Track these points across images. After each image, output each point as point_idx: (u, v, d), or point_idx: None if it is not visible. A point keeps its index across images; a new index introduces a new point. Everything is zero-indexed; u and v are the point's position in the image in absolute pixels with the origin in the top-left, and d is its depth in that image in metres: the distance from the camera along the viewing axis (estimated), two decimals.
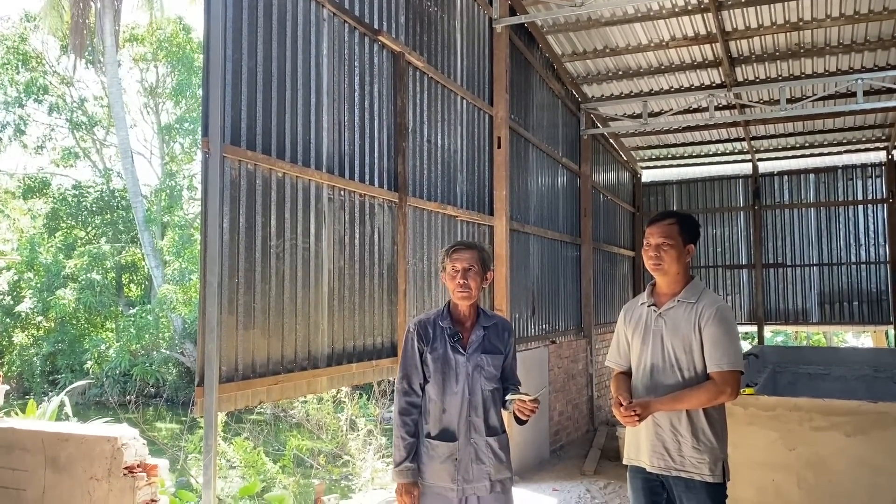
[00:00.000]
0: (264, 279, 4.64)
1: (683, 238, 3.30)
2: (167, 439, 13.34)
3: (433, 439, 3.19)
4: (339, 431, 11.18)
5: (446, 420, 3.19)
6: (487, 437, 3.21)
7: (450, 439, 3.18)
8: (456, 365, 3.21)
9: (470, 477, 3.16)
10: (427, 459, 3.18)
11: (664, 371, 3.23)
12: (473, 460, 3.17)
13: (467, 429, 3.19)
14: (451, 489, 3.15)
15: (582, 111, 11.32)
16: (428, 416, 3.22)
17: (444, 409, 3.19)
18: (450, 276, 3.28)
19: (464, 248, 3.32)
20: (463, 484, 3.15)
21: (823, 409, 4.36)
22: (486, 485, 3.19)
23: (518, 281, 8.45)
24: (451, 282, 3.27)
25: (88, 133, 24.07)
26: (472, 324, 3.31)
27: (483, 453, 3.20)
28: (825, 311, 14.14)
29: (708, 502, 3.12)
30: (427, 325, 3.28)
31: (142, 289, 23.32)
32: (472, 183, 7.55)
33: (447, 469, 3.15)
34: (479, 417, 3.21)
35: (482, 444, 3.20)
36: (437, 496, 3.16)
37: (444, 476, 3.15)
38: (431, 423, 3.21)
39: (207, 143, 4.16)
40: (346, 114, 5.52)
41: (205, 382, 4.04)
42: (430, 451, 3.18)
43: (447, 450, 3.16)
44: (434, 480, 3.16)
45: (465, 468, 3.16)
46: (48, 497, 4.07)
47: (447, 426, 3.19)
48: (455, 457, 3.15)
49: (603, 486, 7.35)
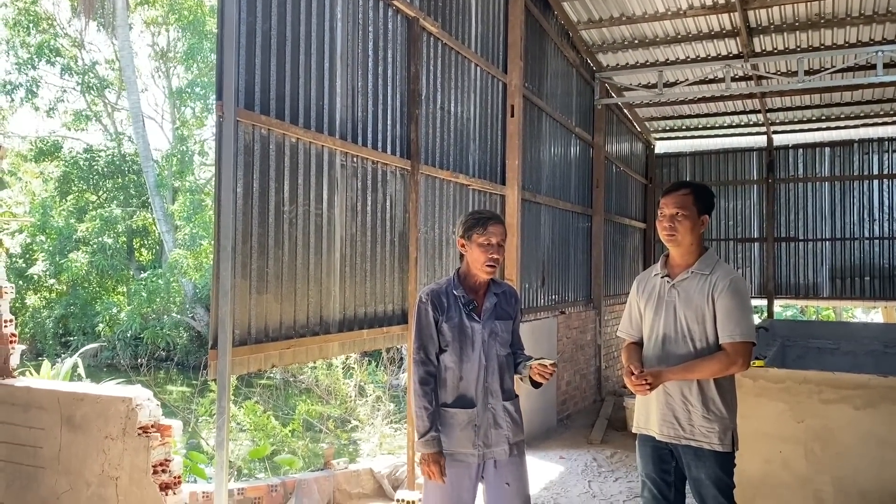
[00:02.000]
0: (277, 245, 4.65)
1: (698, 208, 3.29)
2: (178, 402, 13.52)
3: (451, 407, 3.21)
4: (348, 397, 11.31)
5: (463, 387, 3.22)
6: (504, 402, 3.26)
7: (468, 406, 3.21)
8: (472, 333, 3.22)
9: (490, 442, 3.21)
10: (446, 428, 3.19)
11: (676, 341, 3.24)
12: (492, 425, 3.22)
13: (485, 395, 3.22)
14: (472, 454, 3.18)
15: (596, 80, 11.19)
16: (444, 384, 3.24)
17: (462, 377, 3.22)
18: (480, 247, 3.22)
19: (498, 222, 3.29)
20: (483, 449, 3.19)
21: (833, 383, 4.36)
22: (506, 448, 3.23)
23: (529, 251, 8.44)
24: (483, 254, 3.22)
25: (100, 96, 24.02)
26: (485, 291, 3.32)
27: (501, 417, 3.24)
28: (836, 285, 14.09)
29: (717, 470, 3.15)
30: (440, 294, 3.27)
31: (153, 253, 23.46)
32: (485, 151, 7.51)
33: (467, 435, 3.18)
34: (495, 382, 3.24)
35: (500, 409, 3.24)
36: (458, 463, 3.19)
37: (465, 442, 3.18)
38: (448, 392, 3.23)
39: (221, 108, 4.14)
40: (360, 79, 5.48)
41: (218, 345, 4.07)
42: (449, 420, 3.20)
43: (466, 416, 3.19)
44: (455, 447, 3.19)
45: (484, 433, 3.20)
46: (64, 455, 4.14)
47: (464, 393, 3.22)
48: (475, 423, 3.19)
49: (609, 455, 7.42)
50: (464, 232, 3.28)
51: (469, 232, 3.26)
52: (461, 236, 3.29)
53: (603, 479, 6.57)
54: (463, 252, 3.30)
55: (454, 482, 3.19)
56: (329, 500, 5.69)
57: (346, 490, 5.86)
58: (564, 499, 5.95)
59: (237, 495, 5.18)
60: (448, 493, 3.18)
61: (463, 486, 3.20)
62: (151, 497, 3.92)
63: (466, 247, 3.27)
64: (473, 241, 3.24)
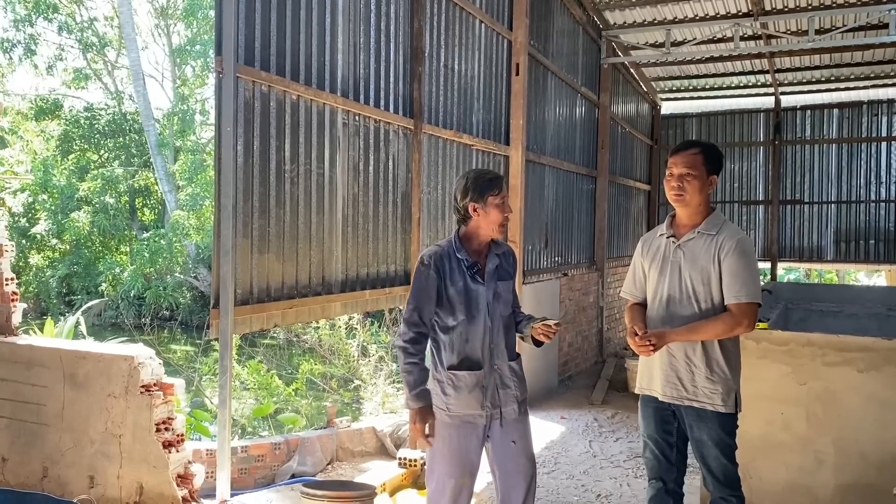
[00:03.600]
0: (279, 204, 4.60)
1: (707, 169, 3.23)
2: (182, 361, 13.61)
3: (457, 370, 3.20)
4: (351, 357, 11.37)
5: (470, 349, 3.21)
6: (510, 362, 3.28)
7: (475, 368, 3.20)
8: (477, 295, 3.22)
9: (498, 402, 3.21)
10: (453, 391, 3.18)
11: (681, 302, 3.21)
12: (500, 385, 3.22)
13: (490, 356, 3.22)
14: (480, 415, 3.19)
15: (603, 39, 11.00)
16: (450, 347, 3.22)
17: (468, 340, 3.21)
18: (497, 208, 3.22)
19: (505, 184, 3.35)
20: (491, 409, 3.20)
21: (837, 345, 4.34)
22: (515, 407, 3.25)
23: (532, 213, 8.39)
24: (500, 214, 3.23)
25: (99, 54, 23.72)
26: (486, 253, 3.30)
27: (507, 377, 3.25)
28: (840, 248, 14.03)
29: (719, 432, 3.15)
30: (443, 257, 3.24)
31: (155, 213, 23.41)
32: (489, 111, 7.40)
33: (476, 397, 3.18)
34: (500, 343, 3.25)
35: (506, 369, 3.25)
36: (467, 424, 3.19)
37: (474, 404, 3.18)
38: (455, 355, 3.21)
39: (221, 63, 4.07)
40: (362, 35, 5.37)
41: (220, 305, 4.06)
42: (456, 382, 3.19)
43: (473, 378, 3.19)
44: (462, 410, 3.18)
45: (492, 394, 3.20)
46: (67, 412, 4.16)
47: (470, 355, 3.21)
48: (482, 384, 3.19)
49: (610, 415, 7.46)
50: (478, 195, 3.22)
51: (484, 194, 3.21)
52: (474, 200, 3.22)
53: (603, 439, 6.62)
54: (475, 215, 3.23)
55: (462, 443, 3.19)
56: (332, 458, 5.74)
57: (348, 448, 5.91)
58: (565, 458, 6.00)
59: (241, 453, 5.22)
60: (455, 452, 3.19)
61: (470, 447, 3.21)
62: (155, 454, 3.95)
63: (479, 209, 3.22)
64: (489, 203, 3.21)
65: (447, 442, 3.20)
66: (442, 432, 3.19)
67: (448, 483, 3.19)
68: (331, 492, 3.80)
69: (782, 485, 4.44)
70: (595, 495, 5.12)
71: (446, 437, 3.19)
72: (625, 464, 5.85)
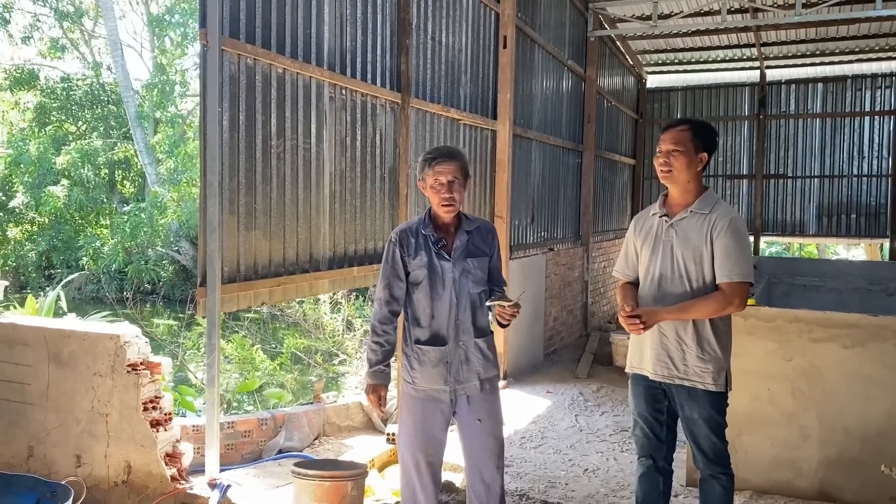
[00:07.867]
0: (265, 180, 4.54)
1: (695, 145, 3.20)
2: (165, 335, 13.53)
3: (424, 345, 3.23)
4: (336, 331, 11.36)
5: (435, 325, 3.24)
6: (476, 339, 3.28)
7: (440, 343, 3.23)
8: (442, 272, 3.21)
9: (461, 378, 3.24)
10: (419, 365, 3.24)
11: (672, 281, 3.21)
12: (463, 362, 3.25)
13: (456, 332, 3.24)
14: (444, 390, 3.23)
15: (590, 11, 10.89)
16: (418, 322, 3.25)
17: (433, 316, 3.23)
18: (433, 188, 3.19)
19: (446, 159, 3.20)
20: (455, 385, 3.23)
21: (823, 322, 4.38)
22: (476, 384, 3.27)
23: (519, 188, 8.35)
24: (435, 195, 3.19)
25: (76, 24, 23.17)
26: (455, 229, 3.28)
27: (472, 354, 3.26)
28: (822, 223, 14.15)
29: (710, 410, 3.16)
30: (409, 233, 3.25)
31: (135, 186, 23.08)
32: (476, 85, 7.32)
33: (440, 372, 3.22)
34: (467, 320, 3.25)
35: (471, 346, 3.26)
36: (431, 399, 3.25)
37: (438, 378, 3.22)
38: (421, 330, 3.25)
39: (205, 35, 3.97)
40: (348, 7, 5.27)
41: (207, 283, 4.01)
42: (422, 357, 3.23)
43: (438, 354, 3.22)
44: (427, 384, 3.24)
45: (455, 370, 3.23)
46: (52, 392, 4.11)
47: (437, 331, 3.24)
48: (446, 360, 3.22)
49: (595, 389, 7.51)
50: (419, 172, 3.25)
51: (422, 174, 3.23)
52: (421, 179, 3.26)
53: (589, 413, 6.67)
54: (425, 193, 3.28)
55: (427, 418, 3.24)
56: (319, 434, 5.74)
57: (335, 423, 5.92)
58: (552, 432, 6.04)
59: (227, 428, 5.20)
60: (420, 426, 3.25)
61: (436, 423, 3.25)
62: (142, 433, 3.92)
63: (423, 188, 3.26)
64: (427, 181, 3.21)
65: (412, 415, 3.27)
66: (408, 405, 3.27)
67: (409, 457, 3.27)
68: (323, 471, 3.79)
69: (768, 459, 4.51)
70: (582, 469, 5.16)
71: (412, 409, 3.27)
72: (611, 438, 5.90)
